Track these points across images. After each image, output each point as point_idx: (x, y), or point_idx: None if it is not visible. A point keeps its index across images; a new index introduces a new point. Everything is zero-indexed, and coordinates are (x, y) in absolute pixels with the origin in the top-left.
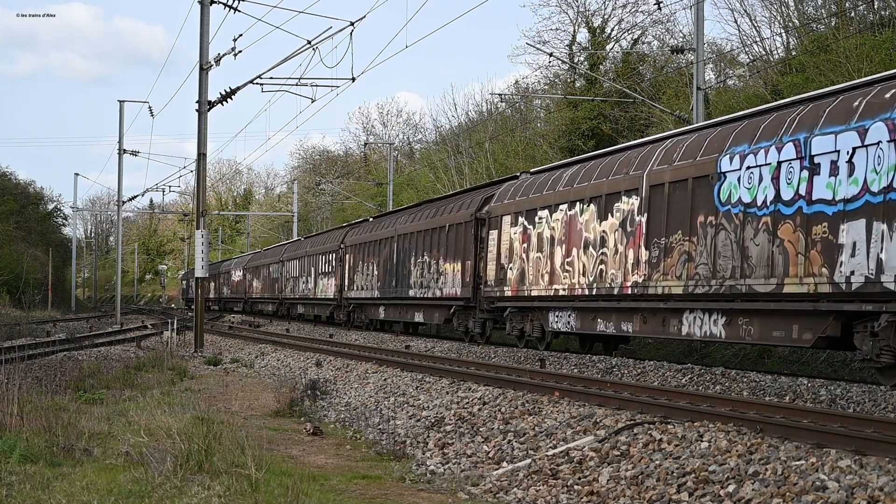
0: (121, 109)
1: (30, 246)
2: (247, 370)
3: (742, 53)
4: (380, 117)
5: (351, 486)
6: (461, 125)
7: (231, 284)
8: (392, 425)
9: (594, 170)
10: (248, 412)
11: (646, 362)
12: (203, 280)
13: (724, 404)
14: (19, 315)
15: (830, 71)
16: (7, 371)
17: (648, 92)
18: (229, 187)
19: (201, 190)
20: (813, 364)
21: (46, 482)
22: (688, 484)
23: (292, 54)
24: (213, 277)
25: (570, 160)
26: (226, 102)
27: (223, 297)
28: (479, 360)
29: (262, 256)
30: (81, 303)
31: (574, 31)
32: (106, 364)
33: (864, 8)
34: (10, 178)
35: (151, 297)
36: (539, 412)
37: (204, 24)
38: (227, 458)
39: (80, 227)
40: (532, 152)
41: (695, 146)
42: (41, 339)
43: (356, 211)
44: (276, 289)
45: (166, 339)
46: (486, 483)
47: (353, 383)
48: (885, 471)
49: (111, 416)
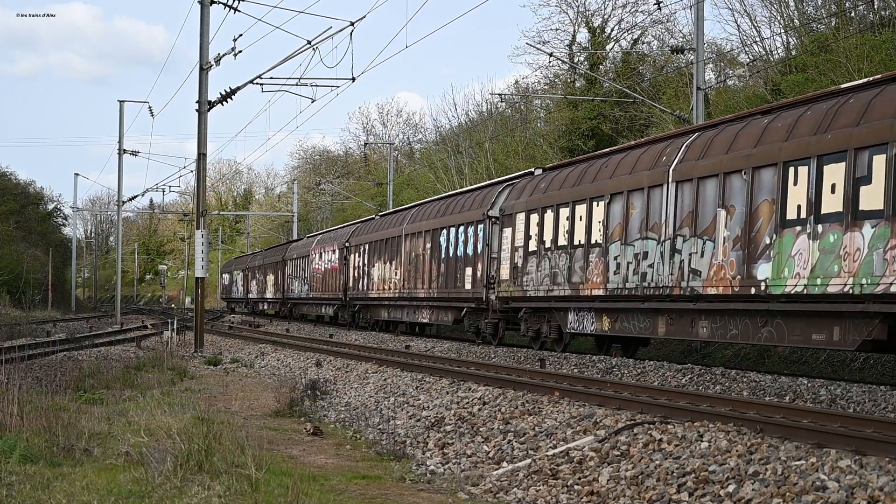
0: (121, 109)
1: (30, 246)
2: (247, 370)
3: (742, 53)
4: (380, 117)
5: (351, 486)
6: (461, 125)
7: (311, 277)
8: (392, 425)
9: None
10: (248, 412)
11: (646, 362)
12: (203, 280)
13: (724, 404)
14: (19, 315)
15: (831, 71)
16: (7, 371)
17: (648, 92)
18: (229, 187)
19: (201, 190)
20: (813, 364)
21: (46, 482)
22: (688, 484)
23: (292, 54)
24: (271, 266)
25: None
26: (226, 102)
27: (301, 298)
28: (479, 360)
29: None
30: (81, 303)
31: (574, 31)
32: (106, 364)
33: (864, 8)
34: (10, 178)
35: (151, 297)
36: (539, 412)
37: (204, 24)
38: (227, 458)
39: (80, 227)
40: (532, 152)
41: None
42: (41, 339)
43: (356, 211)
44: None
45: (166, 339)
46: (486, 483)
47: (353, 383)
48: (885, 471)
49: (111, 416)
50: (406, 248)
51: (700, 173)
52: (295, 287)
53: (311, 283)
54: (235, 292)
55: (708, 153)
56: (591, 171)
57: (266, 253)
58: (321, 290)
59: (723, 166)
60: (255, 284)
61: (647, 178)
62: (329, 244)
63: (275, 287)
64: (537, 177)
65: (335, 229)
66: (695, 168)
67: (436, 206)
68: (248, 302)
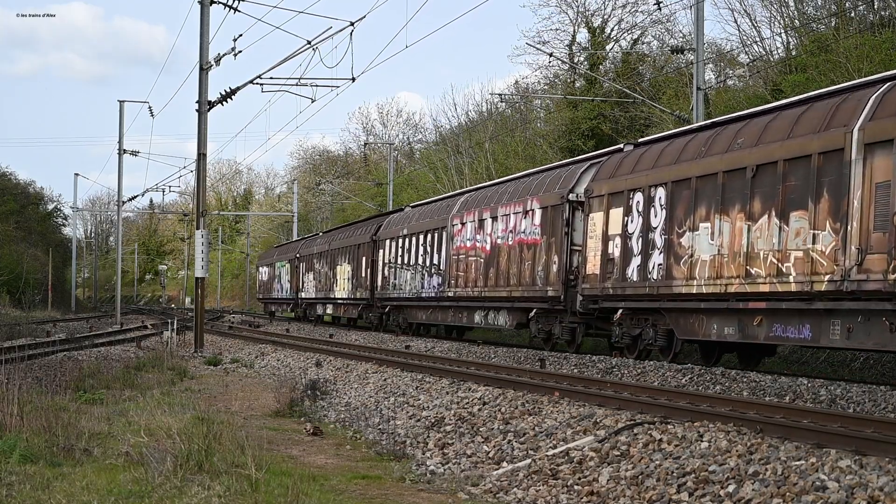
0: (121, 109)
1: (30, 246)
2: (247, 370)
3: (742, 53)
4: (380, 117)
5: (351, 486)
6: (461, 125)
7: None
8: (392, 425)
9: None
10: (248, 412)
11: (646, 362)
12: (203, 280)
13: (724, 404)
14: (19, 315)
15: (831, 71)
16: (7, 371)
17: (648, 92)
18: (229, 187)
19: (201, 190)
20: (813, 364)
21: (46, 482)
22: (688, 484)
23: (292, 54)
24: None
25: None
26: (226, 102)
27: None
28: (479, 360)
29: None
30: (81, 303)
31: (574, 32)
32: (106, 364)
33: (864, 8)
34: (10, 178)
35: (151, 297)
36: (539, 412)
37: (204, 24)
38: (227, 458)
39: (80, 227)
40: (532, 152)
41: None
42: (41, 339)
43: (356, 211)
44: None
45: (166, 339)
46: (486, 483)
47: (353, 383)
48: (885, 471)
49: (111, 416)
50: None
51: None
52: (404, 280)
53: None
54: (279, 291)
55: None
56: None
57: (333, 235)
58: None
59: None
60: (311, 279)
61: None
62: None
63: (353, 281)
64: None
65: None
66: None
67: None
68: (300, 304)
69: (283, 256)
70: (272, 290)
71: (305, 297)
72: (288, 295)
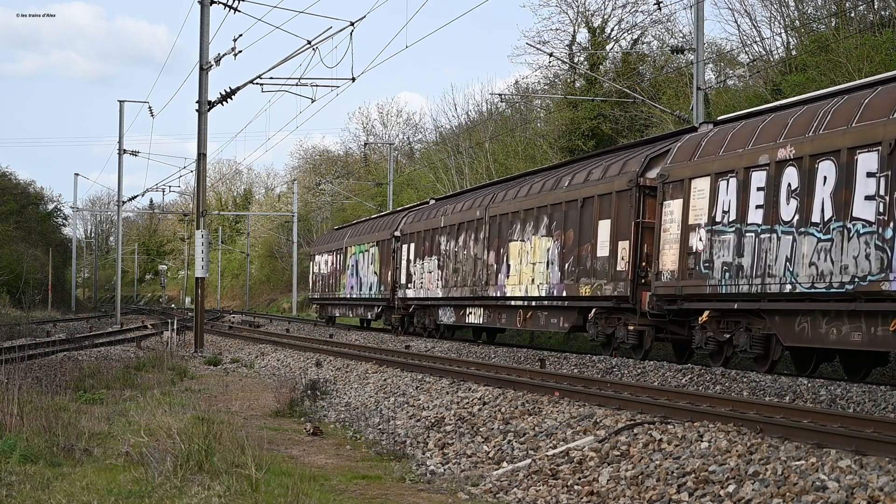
0: (121, 109)
1: (30, 246)
2: (247, 370)
3: (742, 53)
4: (380, 117)
5: (351, 487)
6: (461, 125)
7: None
8: (392, 425)
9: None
10: (248, 412)
11: (646, 362)
12: (203, 280)
13: (724, 404)
14: (19, 315)
15: (831, 71)
16: (7, 371)
17: (648, 92)
18: (229, 187)
19: (201, 190)
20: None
21: (46, 482)
22: (688, 484)
23: (292, 54)
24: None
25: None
26: (226, 102)
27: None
28: (478, 360)
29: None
30: (81, 303)
31: (574, 32)
32: (106, 364)
33: (864, 8)
34: (10, 178)
35: (151, 297)
36: (539, 412)
37: (204, 24)
38: (227, 458)
39: (80, 227)
40: (532, 152)
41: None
42: (41, 339)
43: (356, 211)
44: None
45: (166, 339)
46: (486, 483)
47: (353, 383)
48: (885, 471)
49: (111, 416)
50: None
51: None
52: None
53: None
54: (352, 288)
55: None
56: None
57: (449, 203)
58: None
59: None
60: (427, 268)
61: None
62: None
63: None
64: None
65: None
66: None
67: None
68: (400, 306)
69: (362, 238)
70: (339, 287)
71: (415, 295)
72: (374, 293)
